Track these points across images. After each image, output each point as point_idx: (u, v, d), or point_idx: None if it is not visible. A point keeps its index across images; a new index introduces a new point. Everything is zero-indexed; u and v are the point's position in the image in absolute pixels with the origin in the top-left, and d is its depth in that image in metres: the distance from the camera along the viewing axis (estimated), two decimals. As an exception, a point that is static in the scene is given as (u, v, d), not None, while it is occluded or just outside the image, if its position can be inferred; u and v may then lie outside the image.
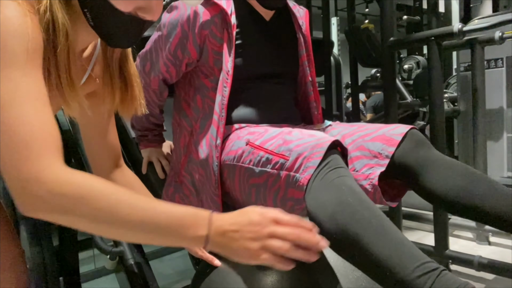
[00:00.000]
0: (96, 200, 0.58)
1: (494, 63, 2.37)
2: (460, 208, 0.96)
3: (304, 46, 1.25)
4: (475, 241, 2.24)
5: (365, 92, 5.59)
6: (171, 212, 0.63)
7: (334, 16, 5.21)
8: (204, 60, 1.12)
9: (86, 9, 0.68)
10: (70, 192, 0.56)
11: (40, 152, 0.57)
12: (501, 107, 2.35)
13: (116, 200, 0.59)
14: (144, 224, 0.60)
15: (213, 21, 1.08)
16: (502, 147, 2.35)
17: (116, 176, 0.94)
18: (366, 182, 1.00)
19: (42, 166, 0.56)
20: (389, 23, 2.03)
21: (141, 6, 0.69)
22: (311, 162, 0.84)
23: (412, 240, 2.40)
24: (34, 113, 0.58)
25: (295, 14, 1.26)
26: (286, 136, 0.93)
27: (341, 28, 4.81)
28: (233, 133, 1.09)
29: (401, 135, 1.01)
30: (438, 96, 1.88)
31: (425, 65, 3.31)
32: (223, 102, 1.07)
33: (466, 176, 0.96)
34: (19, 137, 0.56)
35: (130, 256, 1.13)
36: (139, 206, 0.61)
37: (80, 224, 0.60)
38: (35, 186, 0.55)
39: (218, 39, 1.09)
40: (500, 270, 1.70)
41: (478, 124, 2.11)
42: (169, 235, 0.62)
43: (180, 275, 2.14)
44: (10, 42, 0.57)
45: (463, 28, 1.78)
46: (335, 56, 3.62)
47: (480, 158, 2.10)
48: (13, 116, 0.56)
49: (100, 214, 0.58)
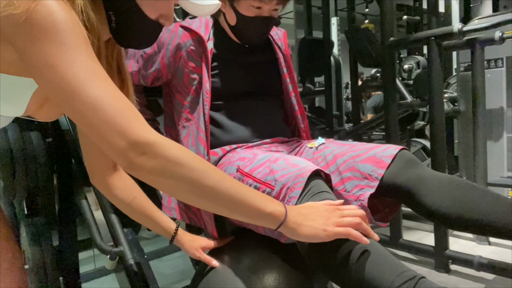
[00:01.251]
0: (192, 164, 0.65)
1: (494, 63, 2.37)
2: (455, 221, 0.97)
3: (285, 65, 1.29)
4: (475, 241, 2.24)
5: (365, 92, 5.59)
6: (253, 189, 0.75)
7: (334, 16, 5.21)
8: (179, 80, 1.18)
9: (112, 12, 0.72)
10: (172, 154, 0.63)
11: (136, 119, 0.62)
12: (501, 107, 2.35)
13: (207, 167, 0.67)
14: (231, 192, 0.68)
15: (190, 44, 1.16)
16: (502, 147, 2.35)
17: (114, 180, 0.93)
18: (356, 203, 1.02)
19: (143, 130, 0.62)
20: (389, 23, 2.04)
21: (164, 14, 0.75)
22: (294, 192, 0.87)
23: (412, 240, 2.40)
24: (114, 88, 0.63)
25: (273, 36, 1.31)
26: (272, 165, 0.96)
27: (341, 28, 4.82)
28: (225, 157, 1.13)
29: (390, 157, 1.02)
30: (438, 96, 1.88)
31: (425, 65, 3.30)
32: (205, 119, 1.12)
33: (462, 190, 0.97)
34: (113, 108, 0.61)
35: (130, 256, 1.13)
36: (226, 176, 0.70)
37: (177, 185, 0.65)
38: (142, 146, 0.61)
39: (195, 61, 1.15)
40: (500, 270, 1.71)
41: (478, 124, 2.11)
42: (252, 206, 0.70)
43: (180, 275, 2.14)
44: (69, 29, 0.60)
45: (463, 28, 1.78)
46: (335, 56, 3.62)
47: (480, 158, 2.10)
48: (98, 92, 0.60)
49: (194, 176, 0.65)
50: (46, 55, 0.59)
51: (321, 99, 3.83)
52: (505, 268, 1.67)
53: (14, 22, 0.58)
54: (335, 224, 0.74)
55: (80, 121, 0.62)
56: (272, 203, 0.72)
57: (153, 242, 2.50)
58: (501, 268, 1.69)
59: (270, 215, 0.71)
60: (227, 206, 0.69)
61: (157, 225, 0.99)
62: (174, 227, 1.00)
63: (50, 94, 0.63)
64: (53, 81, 0.60)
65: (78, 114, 0.61)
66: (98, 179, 0.93)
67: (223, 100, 1.18)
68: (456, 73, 2.91)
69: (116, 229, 1.18)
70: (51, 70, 0.59)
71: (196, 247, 1.02)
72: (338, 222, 0.74)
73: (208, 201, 0.68)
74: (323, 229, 0.73)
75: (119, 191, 0.94)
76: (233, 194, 0.68)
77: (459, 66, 2.60)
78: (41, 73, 0.61)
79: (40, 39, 0.58)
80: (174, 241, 1.01)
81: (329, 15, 3.37)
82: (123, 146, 0.61)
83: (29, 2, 0.58)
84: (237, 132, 1.18)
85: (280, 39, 1.32)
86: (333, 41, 3.70)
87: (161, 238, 2.69)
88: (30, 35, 0.58)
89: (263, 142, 1.18)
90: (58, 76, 0.59)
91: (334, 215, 0.75)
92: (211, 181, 0.66)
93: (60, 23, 0.59)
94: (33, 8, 0.58)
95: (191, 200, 0.69)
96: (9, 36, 0.60)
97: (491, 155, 2.27)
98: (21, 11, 0.57)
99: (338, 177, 1.06)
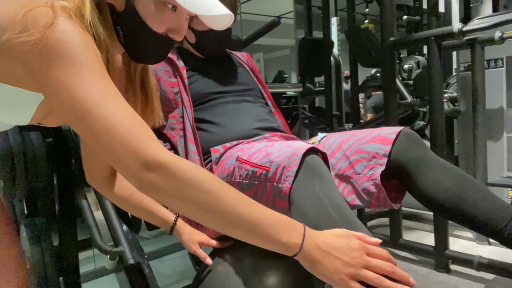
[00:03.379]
0: (204, 186, 0.62)
1: (494, 63, 2.36)
2: (449, 212, 0.99)
3: (254, 76, 1.42)
4: (475, 241, 2.24)
5: (365, 92, 5.59)
6: (270, 212, 0.66)
7: (334, 16, 5.21)
8: (166, 99, 1.26)
9: (119, 27, 0.73)
10: (184, 175, 0.61)
11: (148, 139, 0.62)
12: (501, 107, 2.35)
13: (221, 189, 0.63)
14: (244, 217, 0.63)
15: (163, 67, 1.28)
16: (502, 147, 2.35)
17: (110, 177, 0.94)
18: (369, 183, 1.02)
19: (155, 150, 0.61)
20: (389, 23, 2.04)
21: (172, 28, 0.74)
22: (290, 171, 0.86)
23: (412, 240, 2.40)
24: (127, 108, 0.63)
25: (237, 55, 1.46)
26: (268, 149, 0.97)
27: (341, 28, 4.82)
28: (226, 153, 1.14)
29: (395, 133, 1.03)
30: (438, 96, 1.88)
31: (425, 65, 3.30)
32: (191, 123, 1.20)
33: (458, 180, 0.98)
34: (125, 128, 0.60)
35: (130, 256, 1.13)
36: (241, 199, 0.64)
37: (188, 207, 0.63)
38: (154, 167, 0.60)
39: (171, 79, 1.27)
40: (500, 270, 1.70)
41: (478, 124, 2.11)
42: (266, 234, 0.64)
43: (180, 275, 2.14)
44: (83, 51, 0.61)
45: (463, 28, 1.78)
46: (335, 56, 3.62)
47: (480, 158, 2.10)
48: (110, 112, 0.60)
49: (205, 200, 0.62)
50: (60, 76, 0.60)
51: (321, 99, 3.83)
52: (505, 268, 1.67)
53: (29, 49, 0.59)
54: (353, 274, 0.65)
55: (92, 141, 0.62)
56: (288, 232, 0.65)
57: (153, 242, 2.50)
58: (501, 268, 1.69)
59: (285, 245, 0.65)
60: (239, 231, 0.65)
61: (156, 217, 0.99)
62: (173, 218, 1.00)
63: (63, 114, 0.63)
64: (66, 101, 0.60)
65: (90, 134, 0.61)
66: (94, 177, 0.94)
67: (208, 99, 1.25)
68: (456, 73, 2.90)
69: (116, 229, 1.18)
70: (65, 91, 0.60)
71: (194, 240, 1.02)
72: (358, 274, 0.65)
73: (220, 225, 0.65)
74: (340, 277, 0.65)
75: (116, 188, 0.94)
76: (246, 220, 0.63)
77: (459, 66, 2.60)
78: (54, 93, 0.61)
79: (55, 61, 0.59)
80: (173, 231, 1.01)
81: (329, 15, 3.37)
82: (135, 166, 0.60)
83: (44, 29, 0.59)
84: (233, 126, 1.22)
85: (244, 57, 1.48)
86: (333, 41, 3.70)
87: (161, 238, 2.70)
88: (45, 58, 0.59)
89: (263, 137, 1.20)
90: (71, 96, 0.60)
91: (358, 262, 0.66)
92: (223, 206, 0.63)
93: (75, 46, 0.60)
94: (48, 35, 0.59)
95: (204, 223, 0.66)
96: (21, 58, 0.61)
97: (491, 155, 2.27)
98: (36, 37, 0.58)
99: (347, 162, 1.07)
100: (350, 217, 0.81)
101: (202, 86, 1.28)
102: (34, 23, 0.59)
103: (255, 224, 0.63)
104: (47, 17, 0.59)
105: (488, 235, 0.97)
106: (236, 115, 1.25)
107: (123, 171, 0.62)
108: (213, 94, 1.27)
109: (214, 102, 1.27)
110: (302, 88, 3.11)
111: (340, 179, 1.08)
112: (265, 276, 0.90)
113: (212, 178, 0.64)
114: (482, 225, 0.95)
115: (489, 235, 0.97)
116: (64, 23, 0.61)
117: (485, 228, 0.95)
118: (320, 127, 3.52)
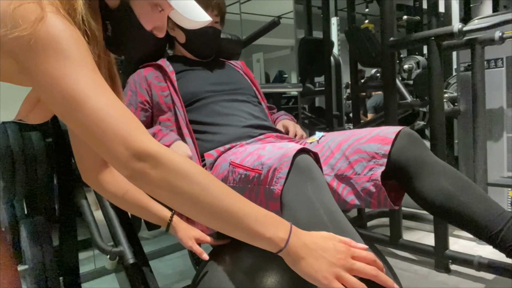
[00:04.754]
0: (193, 177, 0.63)
1: (494, 63, 2.36)
2: (446, 214, 0.99)
3: (249, 79, 1.44)
4: (475, 241, 2.24)
5: (365, 92, 5.59)
6: (258, 208, 0.67)
7: (334, 16, 5.21)
8: (156, 103, 1.31)
9: (109, 21, 0.75)
10: (173, 166, 0.62)
11: (139, 130, 0.63)
12: (501, 107, 2.35)
13: (209, 181, 0.64)
14: (231, 210, 0.64)
15: (153, 73, 1.32)
16: (502, 147, 2.35)
17: (105, 175, 0.93)
18: (369, 183, 1.02)
19: (145, 140, 0.62)
20: (389, 23, 2.03)
21: (158, 26, 0.80)
22: (281, 173, 0.86)
23: (412, 240, 2.40)
24: (116, 100, 0.64)
25: (231, 63, 1.49)
26: (260, 151, 0.97)
27: (341, 28, 4.81)
28: (220, 157, 1.15)
29: (394, 133, 1.03)
30: (438, 96, 1.88)
31: (425, 65, 3.30)
32: (186, 122, 1.23)
33: (456, 183, 0.98)
34: (116, 119, 0.62)
35: (130, 256, 1.13)
36: (229, 193, 0.65)
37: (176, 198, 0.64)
38: (144, 156, 0.61)
39: (161, 84, 1.31)
40: (500, 270, 1.70)
41: (478, 124, 2.11)
42: (251, 228, 0.65)
43: (180, 275, 2.14)
44: (74, 44, 0.63)
45: (463, 28, 1.78)
46: (335, 56, 3.62)
47: (480, 158, 2.10)
48: (101, 104, 0.62)
49: (193, 191, 0.62)
50: (51, 70, 0.61)
51: (321, 99, 3.83)
52: (505, 268, 1.67)
53: (21, 44, 0.60)
54: (337, 275, 0.65)
55: (83, 133, 0.63)
56: (274, 227, 0.65)
57: (153, 242, 2.50)
58: (501, 268, 1.69)
59: (270, 240, 0.65)
60: (226, 225, 0.65)
61: (152, 214, 0.99)
62: (169, 215, 1.01)
63: (54, 108, 0.64)
64: (57, 94, 0.61)
65: (81, 126, 0.62)
66: (90, 176, 0.94)
67: (199, 99, 1.28)
68: (456, 73, 2.90)
69: (116, 229, 1.18)
70: (56, 83, 0.61)
71: (190, 236, 1.02)
72: (342, 275, 0.65)
73: (207, 218, 0.65)
74: (324, 275, 0.65)
75: (111, 186, 0.94)
76: (233, 213, 0.64)
77: (459, 66, 2.60)
78: (45, 86, 0.62)
79: (46, 54, 0.60)
80: (169, 228, 1.02)
81: (329, 15, 3.37)
82: (126, 155, 0.61)
83: (34, 24, 0.59)
84: (225, 126, 1.23)
85: (238, 64, 1.51)
86: (333, 41, 3.70)
87: (161, 238, 2.69)
88: (37, 52, 0.60)
89: (256, 139, 1.20)
90: (63, 88, 0.61)
91: (343, 263, 0.66)
92: (210, 198, 0.63)
93: (66, 39, 0.62)
94: (39, 29, 0.59)
95: (192, 215, 0.66)
96: (12, 52, 0.62)
97: (491, 155, 2.27)
98: (28, 32, 0.59)
99: (346, 162, 1.06)
100: (341, 222, 0.80)
101: (192, 86, 1.31)
102: (24, 18, 0.59)
103: (241, 217, 0.64)
104: (36, 12, 0.60)
105: (482, 238, 0.97)
106: (228, 113, 1.26)
107: (114, 161, 0.63)
108: (204, 93, 1.29)
109: (205, 101, 1.28)
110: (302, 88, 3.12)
111: (339, 179, 1.07)
112: (265, 276, 0.90)
113: (201, 171, 0.65)
114: (477, 229, 0.95)
115: (483, 238, 0.97)
116: (54, 18, 0.62)
117: (480, 232, 0.95)
118: (320, 127, 3.52)
